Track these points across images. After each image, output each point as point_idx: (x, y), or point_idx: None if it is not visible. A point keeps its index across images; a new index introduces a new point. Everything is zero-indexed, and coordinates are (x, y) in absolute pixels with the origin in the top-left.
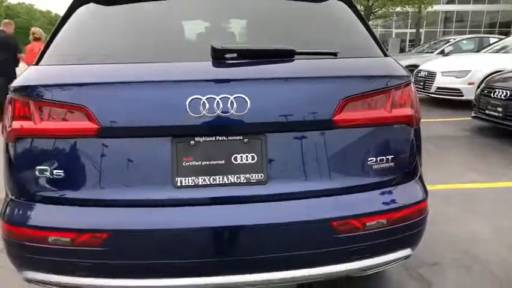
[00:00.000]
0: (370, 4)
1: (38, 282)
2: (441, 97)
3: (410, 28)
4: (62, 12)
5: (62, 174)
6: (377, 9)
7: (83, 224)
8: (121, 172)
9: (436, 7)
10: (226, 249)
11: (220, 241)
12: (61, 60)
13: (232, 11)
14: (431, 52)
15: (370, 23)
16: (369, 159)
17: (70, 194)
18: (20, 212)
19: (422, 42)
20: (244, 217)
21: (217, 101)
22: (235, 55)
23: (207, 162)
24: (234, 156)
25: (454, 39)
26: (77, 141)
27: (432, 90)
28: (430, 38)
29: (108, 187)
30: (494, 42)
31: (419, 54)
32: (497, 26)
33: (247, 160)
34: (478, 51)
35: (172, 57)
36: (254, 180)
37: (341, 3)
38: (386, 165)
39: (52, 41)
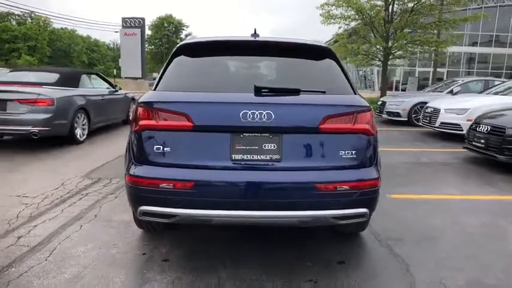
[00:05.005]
0: (388, 46)
1: (148, 213)
2: (444, 131)
3: (433, 67)
4: (100, 38)
5: (170, 150)
6: (395, 50)
7: (180, 176)
8: (203, 150)
9: (459, 49)
10: (258, 194)
11: (255, 190)
12: (167, 88)
13: (267, 64)
14: (442, 91)
15: (389, 62)
16: (341, 151)
17: (174, 161)
18: (143, 170)
19: (444, 80)
20: (268, 177)
21: (257, 114)
22: (267, 90)
23: (249, 147)
24: (264, 144)
25: (463, 80)
26: (180, 132)
27: (436, 124)
28: (453, 77)
29: (196, 158)
30: (497, 85)
31: (432, 92)
32: None
33: (271, 147)
34: (482, 92)
35: (231, 89)
36: (274, 159)
37: (332, 60)
38: (352, 156)
39: (162, 78)
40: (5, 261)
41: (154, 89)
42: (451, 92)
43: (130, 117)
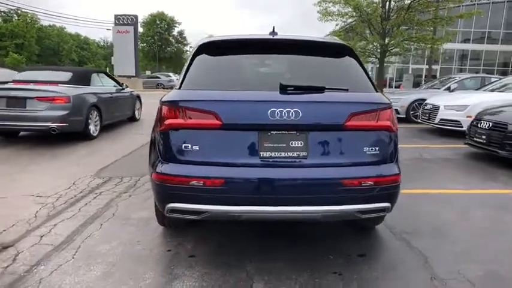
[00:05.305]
0: (386, 43)
1: (177, 210)
2: (443, 127)
3: (426, 64)
4: (90, 35)
5: (198, 148)
6: (392, 47)
7: (209, 174)
8: (231, 148)
9: (452, 45)
10: (286, 191)
11: (283, 186)
12: (192, 87)
13: (289, 62)
14: (439, 88)
15: (385, 59)
16: (365, 148)
17: (202, 158)
18: (172, 168)
19: (438, 77)
20: (296, 174)
21: (284, 112)
22: (292, 88)
23: (277, 145)
24: (291, 142)
25: (459, 77)
26: (208, 131)
27: (436, 121)
28: (445, 74)
29: (224, 155)
30: (494, 82)
31: (429, 89)
32: (511, 66)
33: (298, 145)
34: (479, 88)
35: (256, 87)
36: (301, 155)
37: (351, 58)
38: (375, 152)
39: (185, 76)
40: (32, 259)
41: (179, 88)
42: (448, 89)
43: (136, 115)
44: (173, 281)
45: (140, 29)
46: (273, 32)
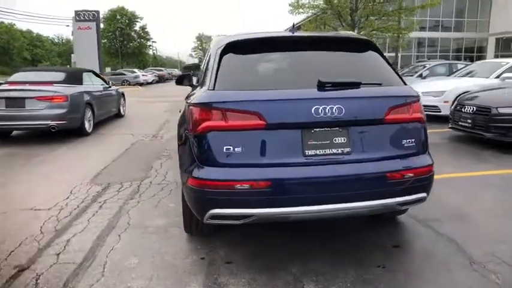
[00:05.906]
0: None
1: (219, 216)
2: None
3: (388, 52)
4: (43, 32)
5: (241, 150)
6: None
7: (257, 176)
8: (276, 148)
9: (411, 34)
10: (332, 188)
11: (329, 183)
12: (227, 87)
13: (318, 59)
14: (411, 75)
15: None
16: (403, 140)
17: (246, 160)
18: (213, 172)
19: (399, 65)
20: (340, 171)
21: (328, 109)
22: (330, 85)
23: (320, 142)
24: (334, 138)
25: (430, 64)
26: (250, 131)
27: None
28: (405, 60)
29: (269, 156)
30: (461, 68)
31: None
32: (463, 51)
33: (341, 141)
34: (449, 74)
35: (292, 85)
36: (345, 152)
37: (375, 52)
38: (412, 144)
39: (217, 76)
40: (58, 282)
41: (213, 89)
42: (420, 75)
43: (122, 111)
44: None
45: (101, 25)
46: (293, 29)
